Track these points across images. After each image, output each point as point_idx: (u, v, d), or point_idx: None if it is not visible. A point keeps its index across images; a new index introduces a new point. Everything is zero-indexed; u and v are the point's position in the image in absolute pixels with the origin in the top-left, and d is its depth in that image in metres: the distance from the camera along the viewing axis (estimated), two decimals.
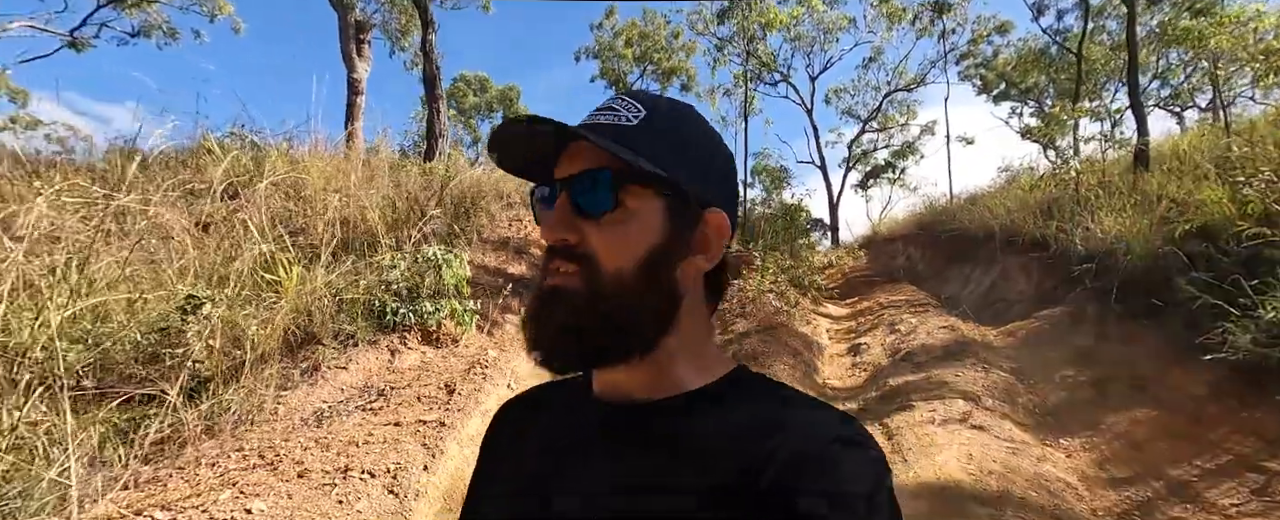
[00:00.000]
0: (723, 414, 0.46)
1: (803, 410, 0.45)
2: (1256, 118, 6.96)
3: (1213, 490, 2.66)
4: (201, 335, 3.05)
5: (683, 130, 0.50)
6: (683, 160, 0.48)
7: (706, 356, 0.50)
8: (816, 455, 0.41)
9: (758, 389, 0.48)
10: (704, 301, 0.51)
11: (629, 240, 0.47)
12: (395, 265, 4.35)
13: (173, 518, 2.14)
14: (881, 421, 3.70)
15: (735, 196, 0.53)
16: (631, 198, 0.47)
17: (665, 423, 0.47)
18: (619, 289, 0.47)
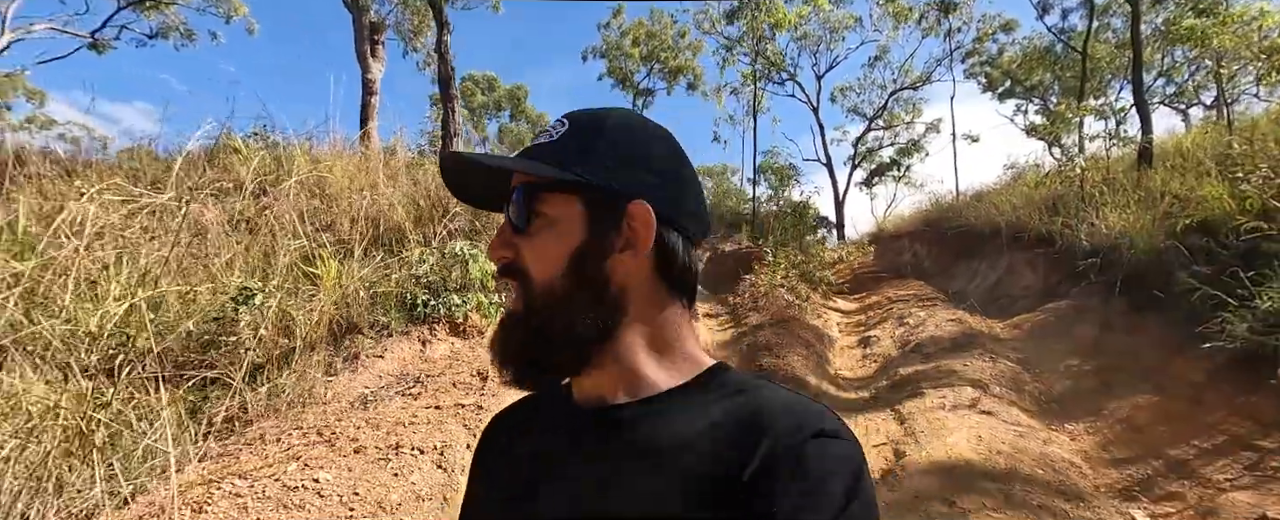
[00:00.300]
0: (699, 413, 0.46)
1: (779, 406, 0.45)
2: (1258, 116, 7.12)
3: (1208, 467, 2.84)
4: (253, 325, 3.26)
5: (602, 132, 0.50)
6: (598, 159, 0.48)
7: (677, 355, 0.50)
8: (795, 452, 0.41)
9: (734, 386, 0.48)
10: (668, 298, 0.50)
11: (550, 248, 0.48)
12: (424, 260, 4.56)
13: (251, 485, 2.35)
14: (893, 407, 3.89)
15: (679, 184, 0.51)
16: (549, 206, 0.48)
17: (641, 425, 0.47)
18: (548, 299, 0.48)
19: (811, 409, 0.45)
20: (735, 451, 0.43)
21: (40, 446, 1.96)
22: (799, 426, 0.43)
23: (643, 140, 0.51)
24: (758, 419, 0.44)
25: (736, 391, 0.47)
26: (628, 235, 0.48)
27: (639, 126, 0.52)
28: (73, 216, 4.01)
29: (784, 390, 0.48)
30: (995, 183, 10.63)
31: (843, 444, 0.43)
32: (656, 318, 0.50)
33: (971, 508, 2.58)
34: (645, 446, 0.46)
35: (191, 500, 2.24)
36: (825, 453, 0.42)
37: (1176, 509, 2.65)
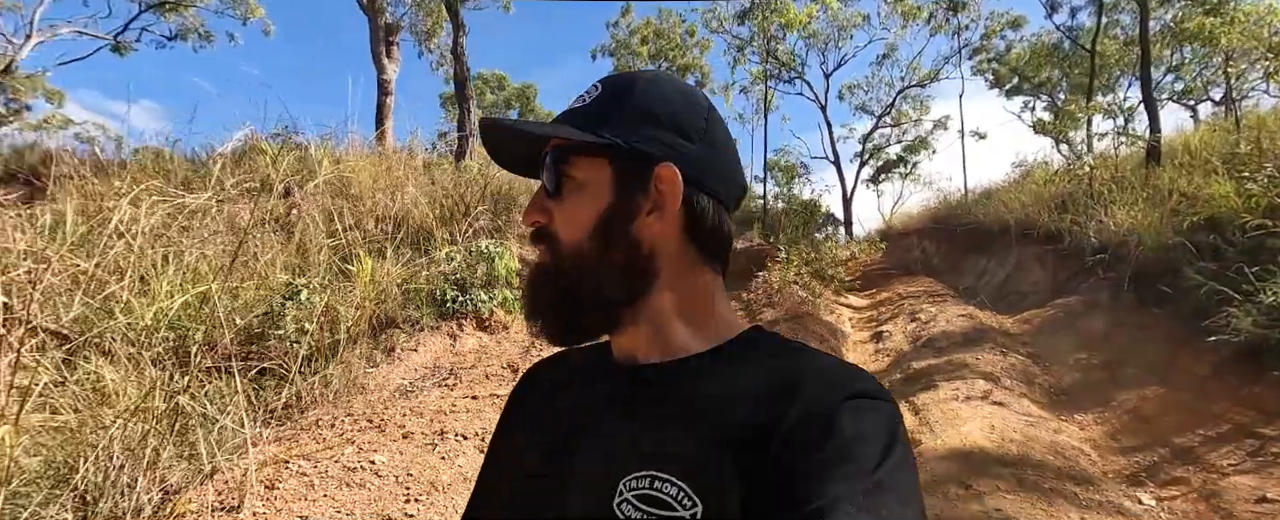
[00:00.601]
0: (734, 374, 0.46)
1: (815, 368, 0.45)
2: (1265, 113, 7.24)
3: (1212, 454, 3.00)
4: (300, 319, 3.45)
5: (633, 94, 0.50)
6: (627, 121, 0.49)
7: (711, 318, 0.50)
8: (828, 413, 0.41)
9: (771, 348, 0.49)
10: (699, 262, 0.50)
11: (580, 211, 0.49)
12: (451, 258, 4.75)
13: (314, 465, 2.54)
14: (908, 399, 4.06)
15: (711, 147, 0.51)
16: (578, 170, 0.49)
17: (675, 385, 0.48)
18: (576, 260, 0.49)
19: (848, 371, 0.45)
20: (767, 412, 0.42)
21: (139, 426, 2.15)
22: (833, 388, 0.43)
23: (675, 101, 0.50)
24: (792, 381, 0.44)
25: (773, 354, 0.47)
26: (655, 198, 0.48)
27: (671, 88, 0.51)
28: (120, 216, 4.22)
29: (823, 355, 0.48)
30: (1004, 180, 10.79)
31: (879, 405, 0.42)
32: (687, 281, 0.50)
33: (986, 490, 2.74)
34: (678, 406, 0.46)
35: (264, 478, 2.43)
36: (859, 414, 0.41)
37: (1181, 492, 2.81)
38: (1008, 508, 2.57)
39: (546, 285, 0.50)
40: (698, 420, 0.44)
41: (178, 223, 4.50)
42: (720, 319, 0.51)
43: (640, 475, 0.43)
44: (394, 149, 8.46)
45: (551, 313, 0.50)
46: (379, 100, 9.26)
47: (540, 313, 0.50)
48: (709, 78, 15.63)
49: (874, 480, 0.38)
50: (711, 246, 0.50)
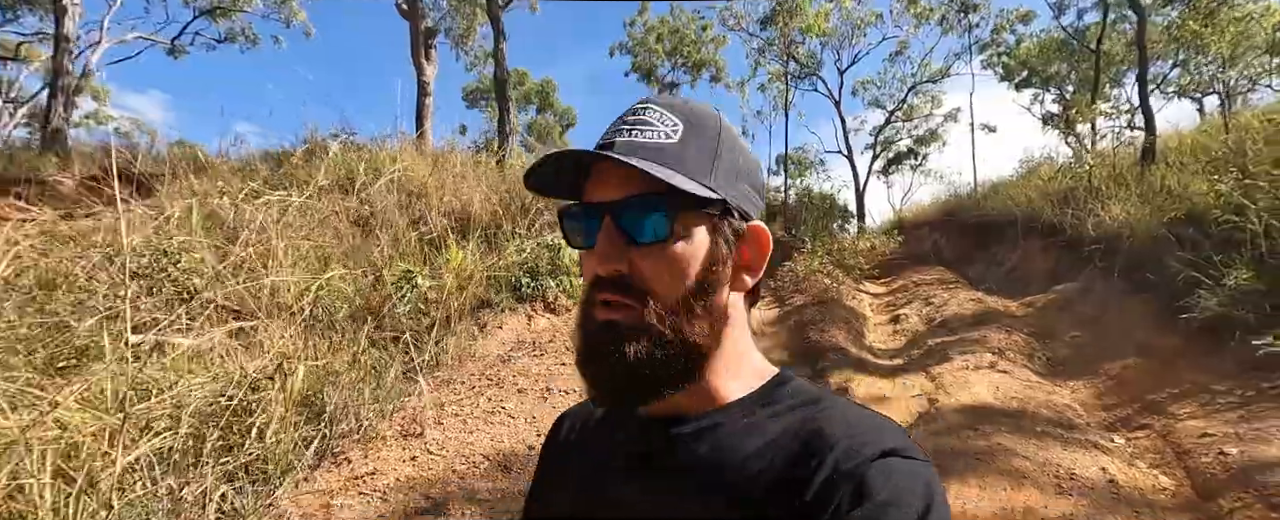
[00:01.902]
0: (759, 429, 0.47)
1: (842, 424, 0.44)
2: (1255, 113, 7.97)
3: (1172, 406, 3.78)
4: (414, 299, 4.22)
5: (720, 142, 0.50)
6: (721, 175, 0.49)
7: (746, 364, 0.52)
8: (856, 476, 0.40)
9: (797, 399, 0.49)
10: (744, 311, 0.52)
11: (681, 267, 0.47)
12: (521, 250, 5.51)
13: (461, 409, 3.32)
14: (925, 370, 4.84)
15: (762, 196, 0.53)
16: (682, 222, 0.47)
17: (702, 441, 0.48)
18: (674, 319, 0.47)
19: (875, 425, 0.45)
20: (794, 473, 0.42)
21: (351, 374, 2.94)
22: (861, 446, 0.42)
23: (744, 150, 0.51)
24: (818, 438, 0.44)
25: (800, 405, 0.48)
26: (748, 257, 0.50)
27: (739, 138, 0.52)
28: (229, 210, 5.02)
29: (851, 406, 0.48)
30: (1012, 174, 11.55)
31: (910, 464, 0.41)
32: (738, 333, 0.51)
33: (991, 432, 3.52)
34: (703, 466, 0.47)
35: (428, 419, 3.21)
36: (890, 475, 0.40)
37: (1145, 434, 3.59)
38: (1007, 442, 3.35)
39: (626, 341, 0.47)
40: (724, 479, 0.45)
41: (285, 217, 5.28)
42: (754, 364, 0.52)
43: None
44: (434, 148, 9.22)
45: (629, 371, 0.47)
46: (419, 101, 9.99)
47: (612, 371, 0.47)
48: (725, 73, 16.34)
49: None
50: (755, 294, 0.52)
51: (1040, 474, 3.04)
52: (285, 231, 4.88)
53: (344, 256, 4.76)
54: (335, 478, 2.69)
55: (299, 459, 2.62)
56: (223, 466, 2.30)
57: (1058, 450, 3.34)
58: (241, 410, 2.54)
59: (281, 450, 2.56)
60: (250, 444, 2.41)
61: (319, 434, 2.78)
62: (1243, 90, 12.02)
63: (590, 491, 0.53)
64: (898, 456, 0.42)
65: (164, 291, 3.68)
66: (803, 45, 11.85)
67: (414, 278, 4.28)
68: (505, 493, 2.70)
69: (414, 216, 6.39)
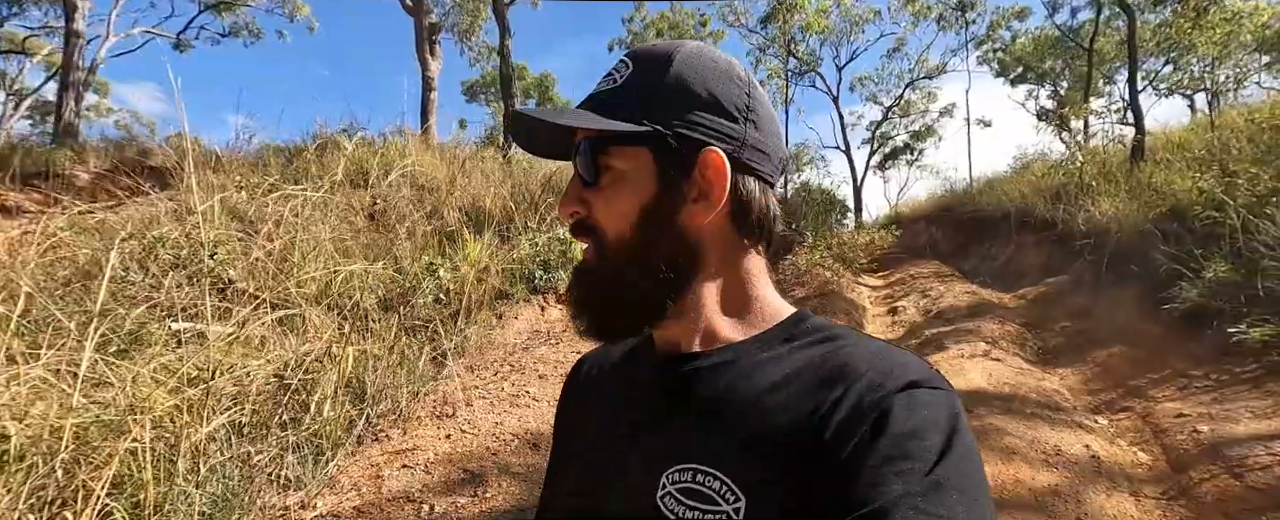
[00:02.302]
0: (777, 364, 0.46)
1: (865, 354, 0.44)
2: (1241, 110, 8.29)
3: (1153, 390, 4.07)
4: (435, 290, 4.44)
5: (668, 71, 0.49)
6: (665, 103, 0.48)
7: (755, 304, 0.51)
8: (882, 406, 0.40)
9: (818, 334, 0.48)
10: (744, 248, 0.51)
11: (622, 202, 0.49)
12: (535, 242, 5.74)
13: (488, 393, 3.55)
14: (922, 358, 5.12)
15: (754, 124, 0.50)
16: (618, 159, 0.49)
17: (717, 377, 0.48)
18: (621, 253, 0.49)
19: (899, 358, 0.45)
20: (814, 406, 0.42)
21: (389, 359, 3.16)
22: (885, 377, 0.42)
23: (713, 77, 0.49)
24: (840, 371, 0.43)
25: (820, 340, 0.48)
26: (701, 185, 0.48)
27: (708, 62, 0.50)
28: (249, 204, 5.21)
29: (872, 339, 0.48)
30: (1006, 171, 11.86)
31: (935, 394, 0.42)
32: (732, 268, 0.51)
33: (985, 414, 3.79)
34: (721, 398, 0.47)
35: (459, 400, 3.44)
36: (914, 406, 0.40)
37: (1126, 416, 3.88)
38: (999, 423, 3.62)
39: (591, 280, 0.51)
40: (742, 413, 0.45)
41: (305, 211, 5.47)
42: (764, 304, 0.51)
43: (683, 469, 0.44)
44: (439, 142, 9.41)
45: (597, 309, 0.51)
46: (423, 96, 10.15)
47: (586, 309, 0.51)
48: None
49: (933, 479, 0.37)
50: (757, 229, 0.50)
51: (1029, 450, 3.31)
52: (306, 225, 5.07)
53: (364, 249, 4.97)
54: (379, 452, 2.92)
55: (347, 435, 2.85)
56: (283, 439, 2.53)
57: (1046, 430, 3.61)
58: (297, 389, 2.76)
59: (331, 427, 2.79)
60: (307, 420, 2.64)
61: (361, 414, 3.01)
62: (1230, 88, 12.41)
63: (609, 430, 0.53)
64: (923, 388, 0.42)
65: (202, 282, 3.88)
66: (803, 43, 12.10)
67: (437, 270, 4.49)
68: (536, 468, 2.94)
69: (426, 211, 6.59)
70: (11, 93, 11.06)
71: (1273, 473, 2.74)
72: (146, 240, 4.40)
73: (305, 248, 4.68)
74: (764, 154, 0.50)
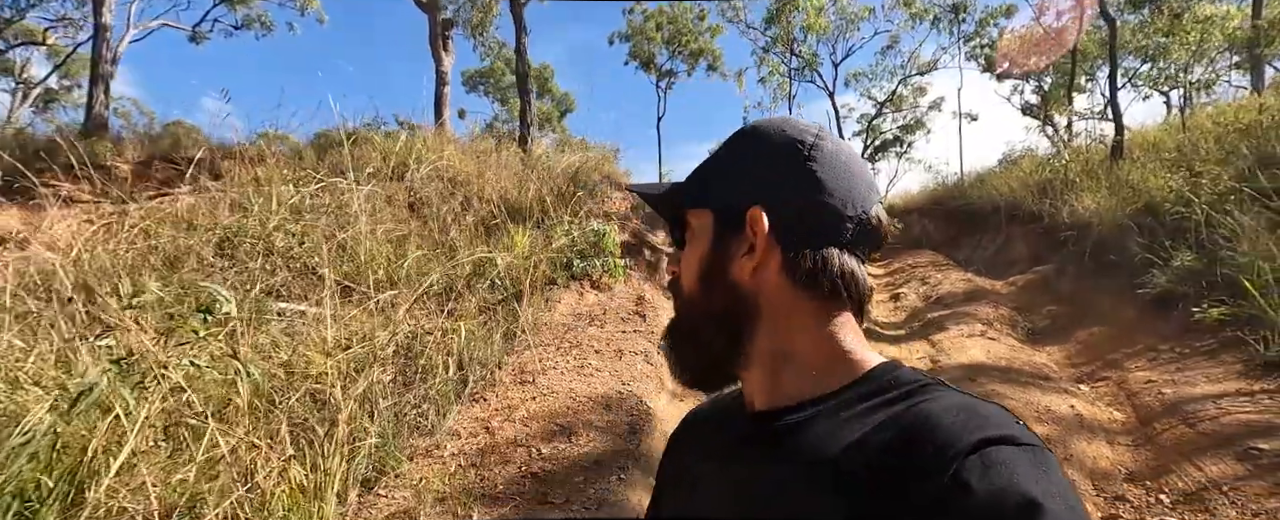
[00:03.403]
0: (853, 422, 0.47)
1: (943, 411, 0.44)
2: (1209, 113, 9.13)
3: (1127, 362, 4.78)
4: (496, 276, 4.97)
5: (729, 147, 0.58)
6: (722, 174, 0.57)
7: (827, 359, 0.52)
8: (955, 465, 0.39)
9: (902, 389, 0.48)
10: (804, 301, 0.52)
11: (691, 260, 0.57)
12: (570, 234, 6.28)
13: (555, 366, 4.11)
14: (926, 338, 5.79)
15: (806, 183, 0.53)
16: (693, 221, 0.57)
17: (786, 434, 0.49)
18: (689, 307, 0.57)
19: (980, 412, 0.44)
20: (889, 467, 0.42)
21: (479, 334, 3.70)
22: (961, 433, 0.41)
23: (768, 144, 0.55)
24: (916, 429, 0.43)
25: (903, 395, 0.47)
26: (748, 240, 0.52)
27: (770, 131, 0.56)
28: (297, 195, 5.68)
29: (958, 394, 0.47)
30: (997, 165, 12.67)
31: (1016, 451, 0.40)
32: (793, 322, 0.52)
33: (985, 382, 4.46)
34: (789, 456, 0.48)
35: (533, 369, 4.00)
36: (991, 465, 0.39)
37: (1105, 384, 4.58)
38: (998, 389, 4.30)
39: (674, 332, 0.58)
40: (809, 472, 0.45)
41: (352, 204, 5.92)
42: (838, 359, 0.52)
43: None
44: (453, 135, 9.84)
45: (682, 360, 0.57)
46: (437, 91, 10.55)
47: (677, 361, 0.58)
48: (721, 61, 17.14)
49: None
50: (821, 283, 0.51)
51: (1024, 410, 3.98)
52: (357, 217, 5.55)
53: (418, 238, 5.47)
54: (481, 410, 3.48)
55: (457, 396, 3.41)
56: (416, 394, 3.08)
57: (1037, 394, 4.30)
58: (414, 357, 3.30)
59: (445, 388, 3.34)
60: (431, 380, 3.19)
61: (463, 379, 3.56)
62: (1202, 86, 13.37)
63: (695, 486, 0.57)
64: (1004, 444, 0.40)
65: (292, 268, 4.35)
66: (804, 43, 12.78)
67: (494, 258, 5.02)
68: (613, 423, 3.52)
69: (458, 202, 7.08)
70: (20, 81, 11.16)
71: (1218, 422, 3.43)
72: (224, 230, 4.86)
73: (363, 237, 5.17)
74: (822, 209, 0.52)
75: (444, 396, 3.28)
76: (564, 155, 9.30)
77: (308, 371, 2.73)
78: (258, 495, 1.84)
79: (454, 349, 3.52)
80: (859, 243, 0.53)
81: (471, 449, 3.07)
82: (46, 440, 1.59)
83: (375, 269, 4.71)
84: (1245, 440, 3.11)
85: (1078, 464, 3.39)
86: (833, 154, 0.54)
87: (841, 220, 0.52)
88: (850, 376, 0.50)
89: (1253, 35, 9.17)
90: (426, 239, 5.51)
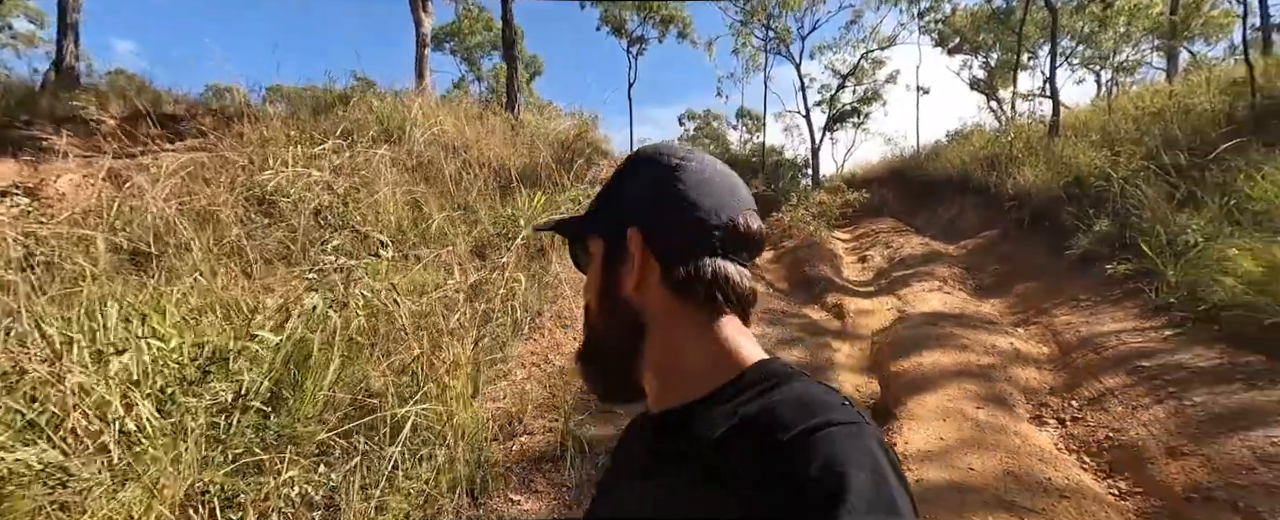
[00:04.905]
0: (721, 418, 0.52)
1: (791, 402, 0.50)
2: (1131, 95, 10.48)
3: (1054, 310, 5.91)
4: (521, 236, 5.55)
5: (615, 177, 0.65)
6: (608, 201, 0.64)
7: (707, 362, 0.57)
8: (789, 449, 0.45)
9: (766, 383, 0.53)
10: (684, 308, 0.58)
11: (590, 283, 0.64)
12: (575, 198, 6.87)
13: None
14: (893, 293, 6.80)
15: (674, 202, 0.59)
16: (592, 250, 0.65)
17: (673, 434, 0.56)
18: (591, 329, 0.64)
19: (822, 402, 0.50)
20: (741, 454, 0.48)
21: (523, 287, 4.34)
22: (801, 419, 0.47)
23: (640, 171, 0.63)
24: (765, 417, 0.49)
25: (767, 389, 0.53)
26: (627, 258, 0.59)
27: (641, 159, 0.64)
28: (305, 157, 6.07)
29: (814, 385, 0.53)
30: (948, 139, 13.95)
31: (834, 430, 0.46)
32: (676, 329, 0.59)
33: (945, 325, 5.48)
34: (671, 455, 0.55)
35: (570, 315, 4.68)
36: (812, 444, 0.45)
37: (1037, 326, 5.69)
38: (954, 331, 5.31)
39: (583, 355, 0.65)
40: (695, 469, 0.51)
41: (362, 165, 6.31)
42: (720, 360, 0.57)
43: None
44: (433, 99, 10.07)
45: (592, 379, 0.65)
46: (417, 53, 10.68)
47: (588, 380, 0.65)
48: (691, 28, 17.62)
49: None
50: (697, 290, 0.57)
51: (975, 346, 5.00)
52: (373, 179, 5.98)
53: (438, 200, 5.96)
54: (534, 346, 4.16)
55: (514, 335, 4.07)
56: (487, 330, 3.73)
57: (985, 335, 5.34)
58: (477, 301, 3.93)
59: (505, 327, 4.00)
60: (494, 321, 3.84)
61: (515, 321, 4.21)
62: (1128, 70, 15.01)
63: (609, 491, 0.65)
64: (834, 426, 0.46)
65: (333, 225, 4.80)
66: (780, 19, 13.50)
67: (518, 219, 5.60)
68: None
69: (458, 166, 7.52)
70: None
71: (1117, 350, 4.51)
72: (261, 189, 5.23)
73: (388, 200, 5.63)
74: (690, 223, 0.58)
75: (505, 334, 3.94)
76: (551, 122, 9.75)
77: (413, 309, 3.33)
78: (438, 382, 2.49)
79: (518, 295, 4.15)
80: (733, 249, 0.59)
81: (538, 375, 3.76)
82: (288, 347, 2.16)
83: (405, 229, 5.22)
84: (1134, 361, 4.18)
85: (1015, 384, 4.40)
86: (697, 171, 0.61)
87: (709, 230, 0.58)
88: (729, 375, 0.56)
89: (1168, 27, 10.54)
90: (446, 201, 6.00)
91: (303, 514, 1.69)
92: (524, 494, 2.70)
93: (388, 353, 2.56)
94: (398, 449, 2.03)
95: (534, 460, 2.93)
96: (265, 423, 1.84)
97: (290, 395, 1.98)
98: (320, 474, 1.82)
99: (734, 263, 0.60)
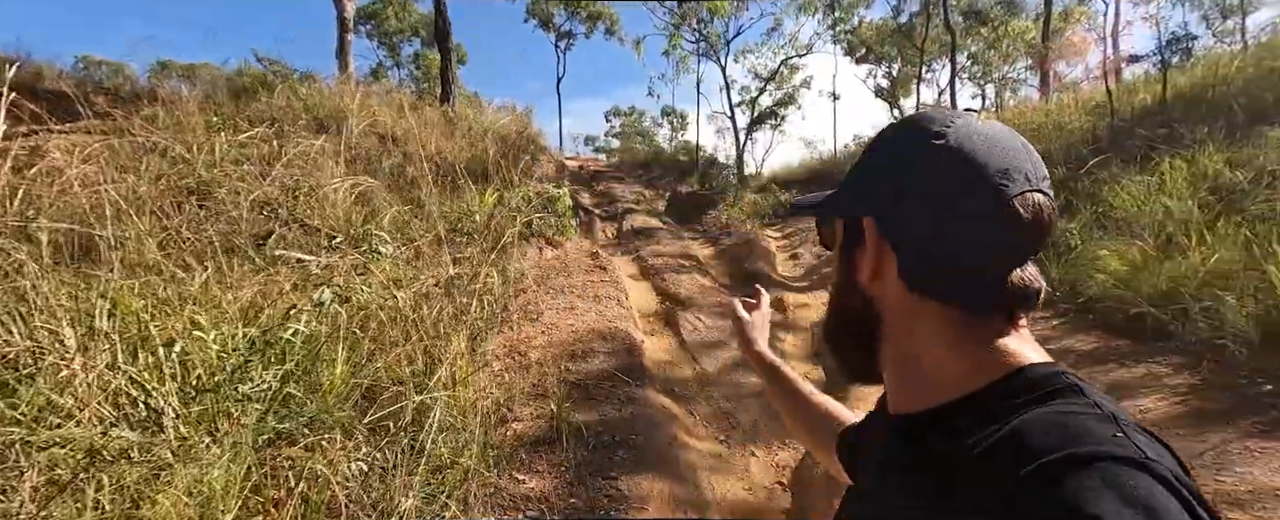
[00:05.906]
0: (964, 431, 0.47)
1: (1045, 424, 0.44)
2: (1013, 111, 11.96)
3: None
4: (478, 227, 5.58)
5: (869, 151, 0.60)
6: (854, 182, 0.60)
7: (949, 366, 0.52)
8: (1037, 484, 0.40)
9: (1012, 399, 0.48)
10: (924, 306, 0.52)
11: (835, 267, 0.63)
12: (527, 195, 6.94)
13: (548, 310, 4.95)
14: (827, 288, 7.44)
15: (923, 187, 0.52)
16: (834, 229, 0.64)
17: (917, 442, 0.52)
18: (830, 313, 0.64)
19: (1080, 427, 0.43)
20: (984, 481, 0.43)
21: (496, 280, 4.44)
22: (1052, 450, 0.41)
23: (890, 148, 0.57)
24: (1013, 441, 0.44)
25: (1027, 404, 0.46)
26: (864, 250, 0.56)
27: (899, 133, 0.57)
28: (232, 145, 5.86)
29: (1076, 404, 0.46)
30: (856, 146, 15.18)
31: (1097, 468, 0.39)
32: (914, 327, 0.54)
33: None
34: (914, 466, 0.51)
35: (536, 309, 4.81)
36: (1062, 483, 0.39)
37: None
38: None
39: (825, 336, 0.66)
40: (933, 480, 0.48)
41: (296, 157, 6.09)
42: (964, 365, 0.51)
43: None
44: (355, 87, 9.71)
45: (836, 360, 0.64)
46: (340, 37, 10.24)
47: (834, 362, 0.64)
48: (618, 25, 17.91)
49: None
50: (942, 286, 0.52)
51: None
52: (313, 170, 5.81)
53: (384, 194, 5.86)
54: (506, 339, 4.29)
55: (489, 325, 4.18)
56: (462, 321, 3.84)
57: None
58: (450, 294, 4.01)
59: (484, 318, 4.10)
60: (471, 312, 3.95)
61: (486, 314, 4.32)
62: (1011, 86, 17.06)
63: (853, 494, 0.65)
64: (1095, 461, 0.39)
65: (280, 218, 4.63)
66: (710, 24, 14.16)
67: (474, 215, 5.62)
68: (613, 349, 4.52)
69: (396, 160, 7.39)
70: None
71: None
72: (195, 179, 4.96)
73: (334, 192, 5.50)
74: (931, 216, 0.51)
75: (482, 327, 4.04)
76: (487, 115, 9.68)
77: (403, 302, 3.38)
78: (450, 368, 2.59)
79: (493, 288, 4.23)
80: (974, 242, 0.50)
81: (515, 366, 3.91)
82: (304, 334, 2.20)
83: (355, 223, 5.14)
84: None
85: None
86: (955, 149, 0.51)
87: (954, 214, 0.50)
88: (984, 379, 0.50)
89: (1043, 51, 12.15)
90: (394, 196, 5.91)
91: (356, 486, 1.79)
92: (527, 474, 2.87)
93: (394, 343, 2.63)
94: (432, 432, 2.15)
95: (530, 444, 3.10)
96: (301, 411, 1.90)
97: (325, 382, 2.04)
98: (365, 454, 1.91)
99: None
